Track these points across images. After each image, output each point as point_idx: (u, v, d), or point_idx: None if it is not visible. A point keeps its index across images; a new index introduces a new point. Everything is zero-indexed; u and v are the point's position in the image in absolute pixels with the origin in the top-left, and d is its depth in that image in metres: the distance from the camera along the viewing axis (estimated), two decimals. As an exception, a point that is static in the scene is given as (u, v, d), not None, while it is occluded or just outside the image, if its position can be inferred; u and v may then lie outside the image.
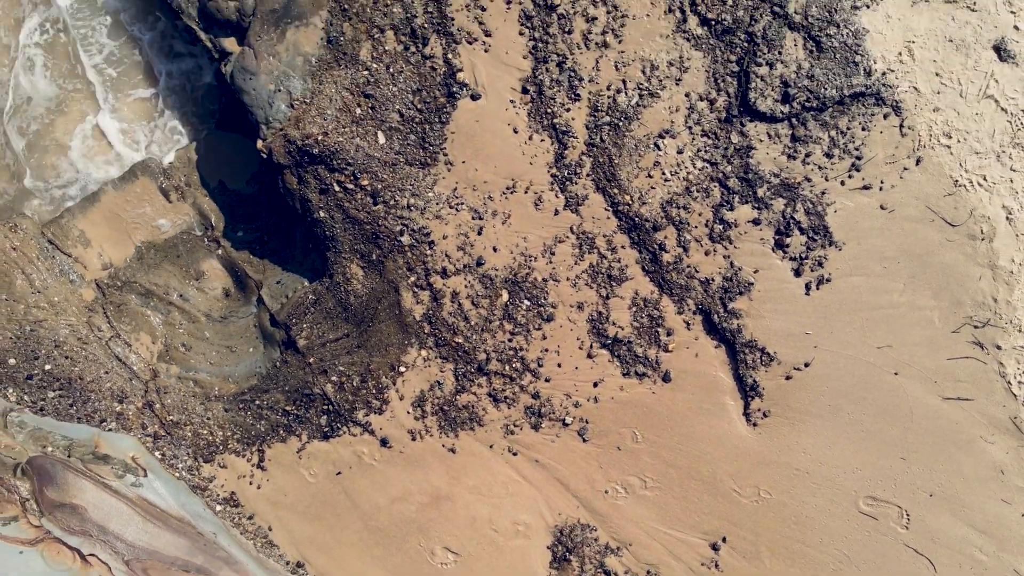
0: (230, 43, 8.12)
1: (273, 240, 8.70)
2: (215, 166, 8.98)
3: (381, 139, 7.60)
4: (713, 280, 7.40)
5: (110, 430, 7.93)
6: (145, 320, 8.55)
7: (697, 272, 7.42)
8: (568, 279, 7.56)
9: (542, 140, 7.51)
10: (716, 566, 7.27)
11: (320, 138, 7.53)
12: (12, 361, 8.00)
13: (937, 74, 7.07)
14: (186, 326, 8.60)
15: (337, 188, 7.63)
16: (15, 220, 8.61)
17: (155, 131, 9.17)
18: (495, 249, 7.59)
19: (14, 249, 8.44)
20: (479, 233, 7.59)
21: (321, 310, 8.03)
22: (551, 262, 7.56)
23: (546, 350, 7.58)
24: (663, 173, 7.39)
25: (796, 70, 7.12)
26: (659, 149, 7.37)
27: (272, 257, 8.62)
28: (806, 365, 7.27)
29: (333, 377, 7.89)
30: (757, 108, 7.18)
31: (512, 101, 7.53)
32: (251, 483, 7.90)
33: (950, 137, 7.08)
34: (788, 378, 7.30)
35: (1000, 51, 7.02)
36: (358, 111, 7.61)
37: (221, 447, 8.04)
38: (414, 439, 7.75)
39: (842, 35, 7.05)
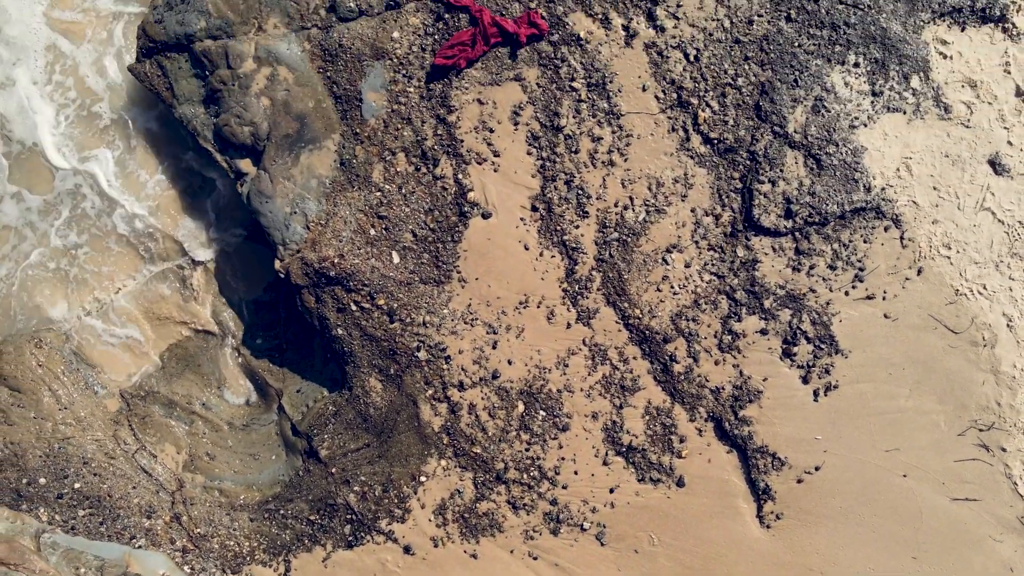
0: (245, 164, 8.34)
1: (292, 349, 8.91)
2: (234, 273, 9.20)
3: (396, 259, 7.82)
4: (723, 389, 7.61)
5: (140, 547, 8.13)
6: (169, 431, 8.76)
7: (708, 381, 7.63)
8: (582, 390, 7.77)
9: (552, 256, 7.73)
10: (735, 670, 7.46)
11: (336, 261, 7.75)
12: (43, 480, 8.21)
13: (935, 188, 7.28)
14: (209, 435, 8.82)
15: (354, 307, 7.84)
16: (40, 335, 8.83)
17: (185, 239, 9.35)
18: (510, 362, 7.80)
19: (40, 366, 8.66)
20: (494, 347, 7.80)
21: (342, 421, 8.24)
22: (565, 374, 7.77)
23: (563, 458, 7.79)
24: (672, 287, 7.60)
25: (798, 187, 7.33)
26: (667, 263, 7.59)
27: (291, 366, 8.84)
28: (816, 469, 7.47)
29: (355, 487, 8.09)
30: (761, 224, 7.39)
31: (522, 219, 7.74)
32: (279, 594, 8.11)
33: (949, 248, 7.29)
34: (799, 481, 7.50)
35: (995, 165, 7.23)
36: (372, 232, 7.83)
37: (248, 558, 8.24)
38: (436, 546, 7.95)
39: (841, 153, 7.26)
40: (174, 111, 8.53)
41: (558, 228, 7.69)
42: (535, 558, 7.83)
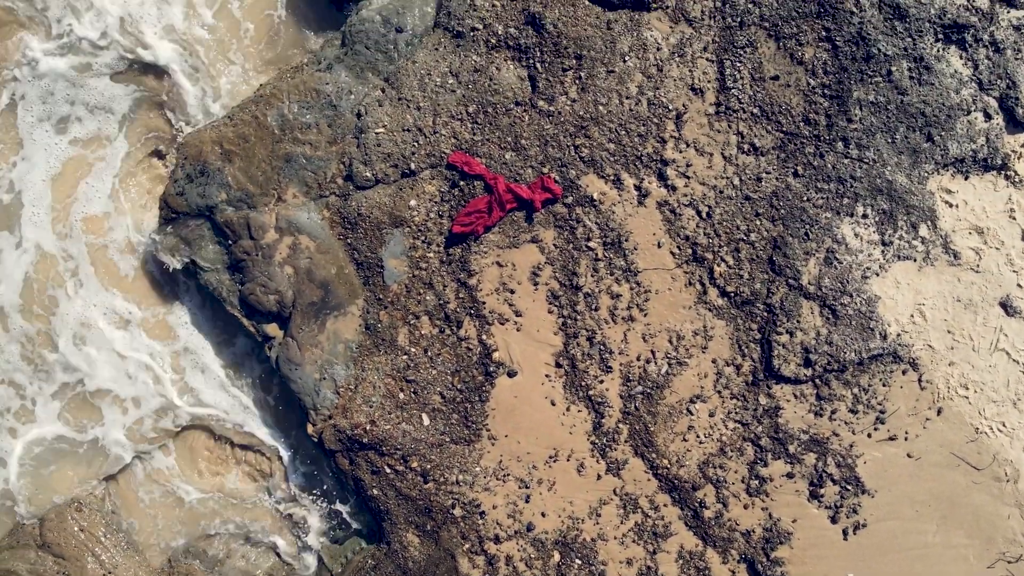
0: (272, 328, 8.53)
1: (328, 498, 9.09)
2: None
3: (426, 421, 8.01)
4: (754, 531, 7.78)
5: None
6: (211, 587, 8.95)
7: (738, 525, 7.80)
8: (615, 537, 7.94)
9: (579, 411, 7.91)
10: None
11: (368, 428, 7.93)
12: (92, 650, 8.39)
13: (949, 331, 7.46)
14: (251, 588, 8.99)
15: (388, 470, 8.02)
16: (78, 499, 9.02)
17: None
18: (543, 514, 7.98)
19: (81, 531, 8.85)
20: (527, 500, 7.98)
21: (381, 574, 8.41)
22: (598, 523, 7.94)
23: (600, 605, 7.96)
24: (697, 436, 7.78)
25: (815, 337, 7.51)
26: (692, 414, 7.76)
27: (328, 515, 9.01)
28: (850, 605, 7.64)
29: (398, 639, 8.26)
30: (781, 373, 7.58)
31: (547, 375, 7.93)
32: None
33: (967, 388, 7.46)
34: (834, 618, 7.67)
35: (1006, 307, 7.41)
36: (402, 396, 8.02)
37: None
38: None
39: (856, 303, 7.44)
40: (199, 278, 8.73)
41: (583, 383, 7.88)
42: None
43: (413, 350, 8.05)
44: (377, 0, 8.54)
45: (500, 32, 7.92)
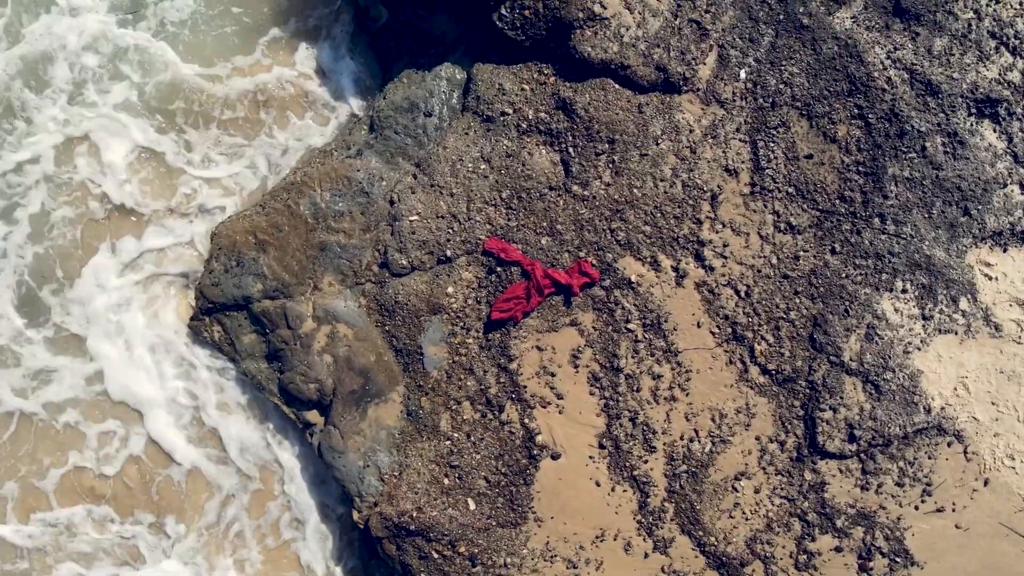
0: (312, 415, 8.57)
1: (381, 570, 9.12)
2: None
3: (472, 506, 8.03)
4: (804, 606, 7.80)
5: None
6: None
7: (788, 600, 7.82)
8: (665, 615, 7.96)
9: (624, 491, 7.93)
10: None
11: (415, 515, 7.96)
12: None
13: (993, 403, 7.47)
14: (300, 670, 9.03)
15: (436, 555, 8.05)
16: None
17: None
18: (592, 594, 8.01)
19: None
20: (575, 581, 8.01)
21: (431, 656, 8.44)
22: (647, 601, 7.97)
23: None
24: (744, 513, 7.79)
25: (859, 413, 7.53)
26: (737, 491, 7.78)
27: (374, 595, 9.06)
28: (903, 676, 7.65)
29: None
30: (826, 449, 7.59)
31: (591, 457, 7.95)
32: None
33: (1013, 459, 7.48)
34: None
35: (1050, 377, 7.42)
36: (447, 481, 8.05)
37: None
38: None
39: (898, 378, 7.46)
40: (237, 366, 8.77)
41: (627, 464, 7.90)
42: None
43: (456, 435, 8.08)
44: (404, 84, 8.58)
45: (531, 117, 7.95)
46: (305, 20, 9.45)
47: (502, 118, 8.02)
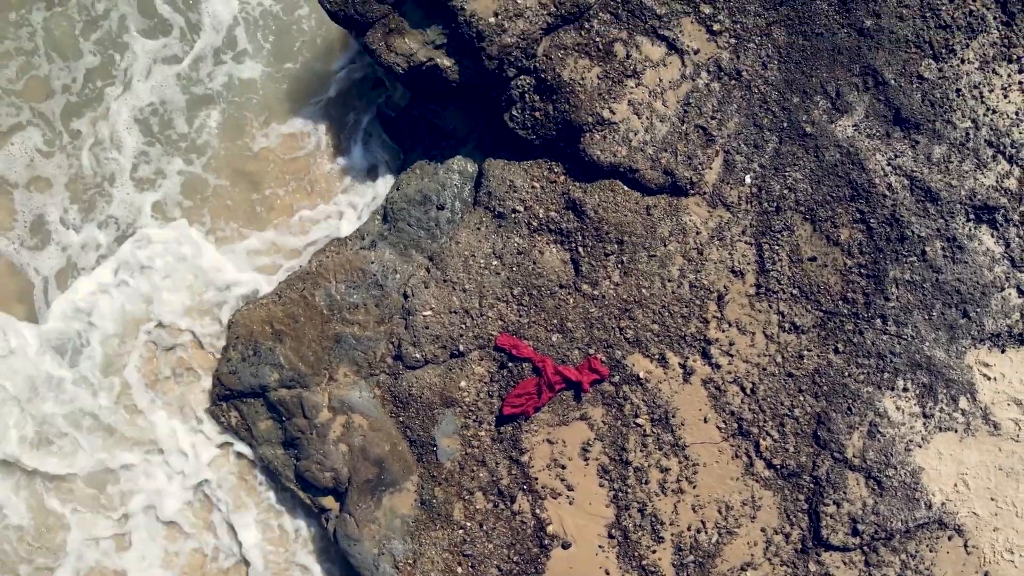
0: (328, 501, 8.77)
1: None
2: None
3: (484, 594, 8.23)
4: None
5: None
6: None
7: None
8: None
9: (633, 580, 8.13)
10: None
11: (430, 604, 8.17)
12: None
13: (992, 499, 7.68)
14: None
15: (450, 642, 8.25)
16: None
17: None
18: None
19: None
20: (586, 667, 8.20)
21: None
22: None
23: None
24: (750, 602, 8.00)
25: (862, 507, 7.73)
26: (743, 581, 7.99)
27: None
28: None
29: None
30: (830, 542, 7.79)
31: (601, 546, 8.15)
32: None
33: (1012, 552, 7.68)
34: None
35: (1048, 475, 7.63)
36: (459, 570, 8.25)
37: None
38: None
39: (900, 475, 7.66)
40: (254, 451, 8.97)
41: (636, 553, 8.10)
42: None
43: (469, 525, 8.28)
44: (417, 175, 8.79)
45: (541, 215, 8.17)
46: (323, 109, 9.67)
47: (513, 215, 8.23)
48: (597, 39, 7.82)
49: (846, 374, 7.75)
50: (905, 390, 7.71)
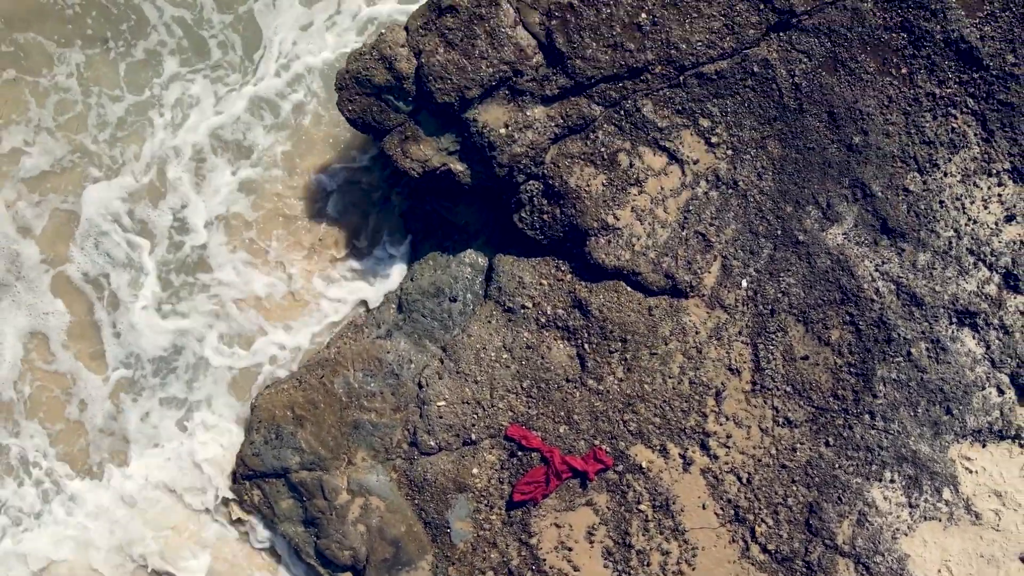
0: (347, 577, 9.25)
1: None
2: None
3: (496, 668, 8.71)
4: None
5: None
6: None
7: None
8: None
9: (636, 655, 8.61)
10: None
11: None
12: None
13: (974, 584, 8.18)
14: None
15: None
16: None
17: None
18: None
19: None
20: None
21: None
22: None
23: None
24: None
25: (852, 591, 8.23)
26: (740, 658, 8.47)
27: None
28: None
29: None
30: (822, 623, 8.29)
31: (606, 625, 8.64)
32: None
33: (992, 634, 8.18)
34: None
35: (1025, 562, 8.13)
36: (472, 645, 8.73)
37: None
38: None
39: (887, 561, 8.15)
40: (276, 528, 9.44)
41: (639, 631, 8.59)
42: None
43: (482, 605, 8.76)
44: (430, 266, 9.26)
45: (549, 312, 8.64)
46: (337, 201, 10.13)
47: (522, 311, 8.71)
48: (602, 149, 8.29)
49: (836, 466, 8.23)
50: (892, 481, 8.19)
